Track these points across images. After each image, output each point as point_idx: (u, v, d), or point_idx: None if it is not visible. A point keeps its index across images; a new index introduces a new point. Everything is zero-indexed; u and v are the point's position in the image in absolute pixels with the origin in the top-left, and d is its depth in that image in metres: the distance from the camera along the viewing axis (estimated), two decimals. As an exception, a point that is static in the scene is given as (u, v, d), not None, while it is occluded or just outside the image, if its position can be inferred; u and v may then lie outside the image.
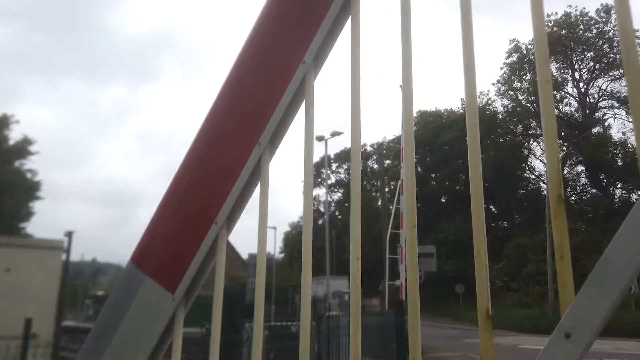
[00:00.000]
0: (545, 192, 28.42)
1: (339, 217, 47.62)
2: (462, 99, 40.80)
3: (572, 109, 36.16)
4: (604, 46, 33.62)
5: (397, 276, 14.35)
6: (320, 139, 26.01)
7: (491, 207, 38.82)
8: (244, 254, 33.30)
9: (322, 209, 42.27)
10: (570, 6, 34.48)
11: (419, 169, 42.10)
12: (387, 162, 38.96)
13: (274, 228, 37.35)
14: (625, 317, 16.61)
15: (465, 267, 29.10)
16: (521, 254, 26.47)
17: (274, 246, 41.78)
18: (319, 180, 47.51)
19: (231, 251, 40.53)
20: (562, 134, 35.36)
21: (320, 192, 44.13)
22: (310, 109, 1.03)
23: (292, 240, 47.60)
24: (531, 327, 18.91)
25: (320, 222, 40.44)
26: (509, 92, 36.92)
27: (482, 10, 56.92)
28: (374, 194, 43.75)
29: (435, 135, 39.11)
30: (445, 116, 41.55)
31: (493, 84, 38.85)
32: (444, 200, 39.82)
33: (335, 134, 24.84)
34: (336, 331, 9.16)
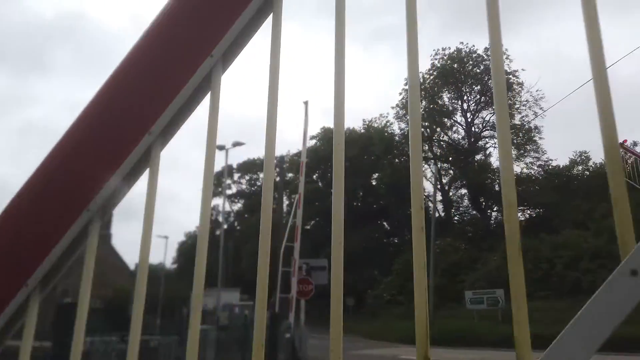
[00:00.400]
0: (431, 212, 30.43)
1: (238, 227, 46.90)
2: (363, 120, 42.67)
3: (460, 136, 39.40)
4: (489, 82, 37.23)
5: (289, 289, 14.41)
6: (221, 148, 25.53)
7: (384, 224, 40.76)
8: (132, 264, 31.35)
9: (220, 219, 41.26)
10: (462, 43, 37.80)
11: (320, 184, 43.01)
12: (290, 175, 39.29)
13: (166, 237, 35.97)
14: (493, 329, 18.28)
15: (355, 281, 30.11)
16: (408, 269, 27.96)
17: (164, 256, 39.89)
18: (219, 190, 46.51)
19: (118, 260, 37.95)
20: (450, 158, 38.35)
21: (221, 201, 43.09)
22: (215, 108, 0.99)
23: (187, 250, 45.91)
24: (413, 338, 20.00)
25: (217, 232, 39.39)
26: (406, 116, 39.27)
27: (388, 37, 60.18)
28: (273, 206, 43.77)
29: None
30: (347, 134, 43.03)
31: (392, 108, 41.10)
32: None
33: (237, 144, 24.54)
34: (201, 344, 9.25)
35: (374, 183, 40.30)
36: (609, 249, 19.90)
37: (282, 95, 0.99)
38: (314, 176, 42.63)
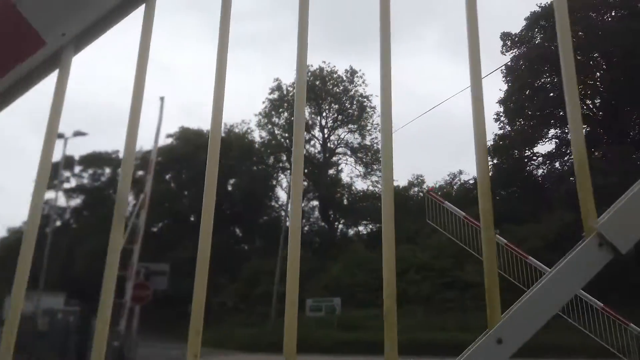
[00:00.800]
0: (284, 221, 31.12)
1: (74, 226, 42.38)
2: (225, 123, 42.09)
3: (317, 150, 41.09)
4: (346, 102, 39.65)
5: (123, 294, 13.42)
6: (60, 136, 22.94)
7: (237, 230, 40.50)
8: None
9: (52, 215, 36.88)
10: (325, 62, 39.69)
11: (173, 185, 41.13)
12: (141, 172, 36.79)
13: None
14: (328, 335, 19.30)
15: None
16: (255, 276, 28.21)
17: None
18: (54, 182, 41.74)
19: None
20: (306, 171, 39.78)
21: (60, 195, 38.50)
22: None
23: (9, 247, 39.90)
24: (252, 345, 20.06)
25: (47, 229, 35.16)
26: (268, 125, 39.78)
27: (257, 42, 60.41)
28: (118, 203, 40.51)
29: (195, 153, 39.05)
30: (207, 136, 41.94)
31: (255, 115, 41.33)
32: (193, 219, 39.69)
33: (78, 133, 22.30)
34: None
35: (229, 189, 39.85)
36: (432, 263, 22.47)
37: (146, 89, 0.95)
38: (167, 176, 40.61)
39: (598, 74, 25.86)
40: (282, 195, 40.34)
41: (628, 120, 25.54)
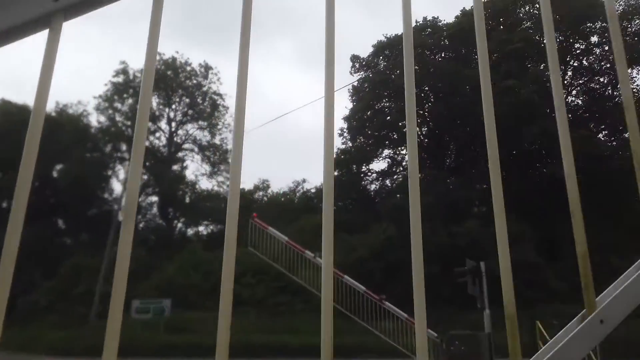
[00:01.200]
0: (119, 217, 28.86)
1: None
2: (57, 102, 37.45)
3: (162, 143, 38.97)
4: (199, 98, 38.49)
5: None
6: None
7: (59, 221, 36.21)
8: None
9: None
10: (178, 52, 38.14)
11: (-21, 163, 35.13)
12: None
13: None
14: (154, 338, 18.43)
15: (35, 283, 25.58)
16: (76, 273, 25.55)
17: None
18: None
19: None
20: (147, 164, 37.43)
21: None
22: None
23: None
24: (66, 348, 18.26)
25: None
26: (108, 110, 36.53)
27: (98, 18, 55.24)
28: None
29: (16, 130, 33.88)
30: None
31: (95, 97, 37.67)
32: (5, 205, 34.37)
33: None
34: None
35: (55, 175, 35.48)
36: (268, 267, 22.94)
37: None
38: (-26, 153, 34.52)
39: (427, 105, 29.41)
40: (117, 187, 37.32)
41: (446, 149, 29.54)
